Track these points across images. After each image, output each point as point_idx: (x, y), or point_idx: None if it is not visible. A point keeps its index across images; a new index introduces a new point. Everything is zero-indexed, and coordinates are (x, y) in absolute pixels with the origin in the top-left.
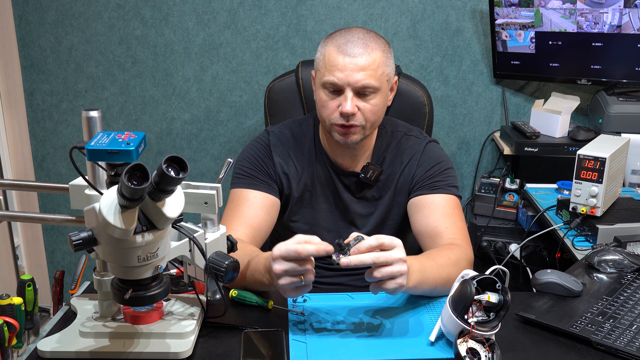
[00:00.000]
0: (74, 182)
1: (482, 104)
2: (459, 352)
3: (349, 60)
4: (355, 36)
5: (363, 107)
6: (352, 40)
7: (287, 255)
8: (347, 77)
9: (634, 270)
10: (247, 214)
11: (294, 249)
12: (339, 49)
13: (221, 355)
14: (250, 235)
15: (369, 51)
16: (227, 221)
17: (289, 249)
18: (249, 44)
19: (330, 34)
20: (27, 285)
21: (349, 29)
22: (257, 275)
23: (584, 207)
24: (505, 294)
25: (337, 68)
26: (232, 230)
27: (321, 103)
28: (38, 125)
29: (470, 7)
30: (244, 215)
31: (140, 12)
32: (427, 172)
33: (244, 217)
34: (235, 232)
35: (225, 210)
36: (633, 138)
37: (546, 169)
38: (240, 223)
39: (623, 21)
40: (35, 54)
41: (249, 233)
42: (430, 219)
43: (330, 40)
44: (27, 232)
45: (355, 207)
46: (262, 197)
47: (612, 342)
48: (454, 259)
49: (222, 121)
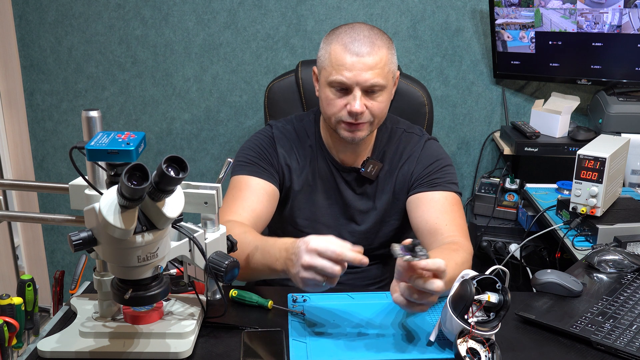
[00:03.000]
0: (74, 182)
1: (482, 104)
2: (459, 352)
3: (357, 60)
4: (361, 34)
5: (371, 105)
6: (359, 39)
7: (324, 253)
8: (355, 76)
9: (634, 270)
10: (249, 199)
11: (333, 249)
12: (345, 48)
13: (221, 355)
14: (252, 221)
15: (375, 50)
16: (228, 206)
17: (328, 247)
18: (249, 44)
19: (334, 31)
20: (27, 285)
21: (352, 26)
22: (268, 259)
23: (584, 207)
24: (505, 294)
25: (345, 67)
26: (234, 213)
27: (327, 101)
28: (38, 125)
29: (470, 7)
30: (246, 200)
31: (140, 12)
32: (426, 170)
33: (246, 202)
34: (238, 215)
35: (225, 197)
36: (633, 138)
37: (546, 169)
38: (242, 207)
39: (623, 21)
40: (35, 54)
41: (251, 218)
42: (430, 216)
43: (335, 37)
44: (27, 232)
45: (355, 204)
46: (264, 184)
47: (612, 342)
48: (460, 262)
49: (222, 121)
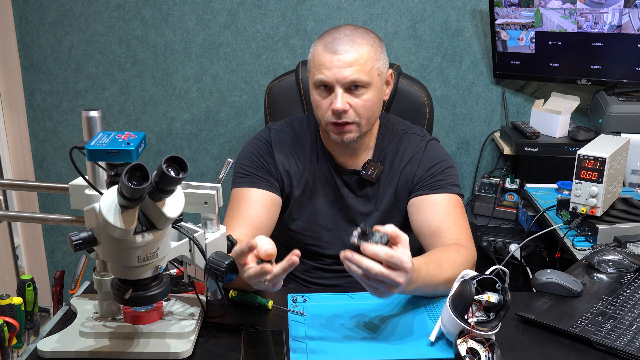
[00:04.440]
0: (74, 182)
1: (482, 104)
2: (459, 352)
3: (335, 58)
4: (342, 34)
5: (355, 103)
6: (339, 38)
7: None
8: (334, 74)
9: (634, 270)
10: (247, 213)
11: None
12: (325, 48)
13: (221, 355)
14: (251, 234)
15: (355, 47)
16: (228, 221)
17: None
18: (249, 44)
19: (321, 35)
20: (27, 285)
21: (337, 28)
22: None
23: (584, 207)
24: (505, 294)
25: (325, 66)
26: (232, 230)
27: (315, 103)
28: (38, 125)
29: (470, 7)
30: (244, 215)
31: (140, 12)
32: (428, 172)
33: (244, 217)
34: (235, 232)
35: (227, 210)
36: (633, 138)
37: (546, 169)
38: (240, 223)
39: (623, 21)
40: (35, 54)
41: (249, 232)
42: (433, 219)
43: (319, 40)
44: (27, 232)
45: (356, 206)
46: (263, 195)
47: (612, 342)
48: (460, 263)
49: (222, 121)
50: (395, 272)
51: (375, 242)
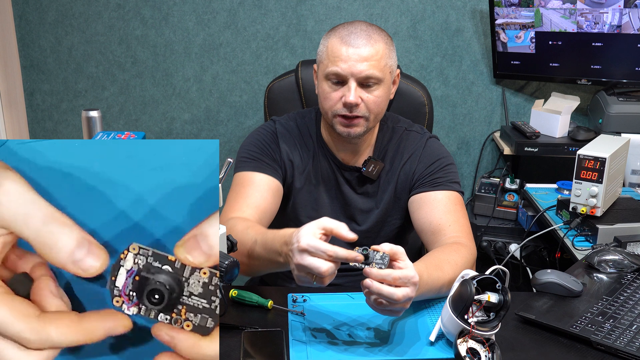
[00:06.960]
0: None
1: (482, 104)
2: (459, 352)
3: (352, 51)
4: (358, 28)
5: (366, 98)
6: (355, 32)
7: (314, 252)
8: (350, 67)
9: (634, 270)
10: (253, 195)
11: (324, 249)
12: (342, 40)
13: (221, 355)
14: (257, 217)
15: (372, 42)
16: (232, 202)
17: (318, 248)
18: (249, 44)
19: (333, 28)
20: None
21: (351, 22)
22: (271, 254)
23: (584, 207)
24: (505, 294)
25: (341, 59)
26: (238, 210)
27: (324, 95)
28: (38, 125)
29: (470, 7)
30: (250, 197)
31: (140, 12)
32: (428, 169)
33: (250, 199)
34: (242, 212)
35: (228, 194)
36: (633, 138)
37: (546, 169)
38: (246, 204)
39: (623, 21)
40: (35, 54)
41: (256, 215)
42: (433, 216)
43: (333, 32)
44: None
45: (356, 203)
46: (268, 180)
47: (612, 342)
48: (461, 263)
49: (222, 121)
50: (408, 289)
51: (377, 264)
